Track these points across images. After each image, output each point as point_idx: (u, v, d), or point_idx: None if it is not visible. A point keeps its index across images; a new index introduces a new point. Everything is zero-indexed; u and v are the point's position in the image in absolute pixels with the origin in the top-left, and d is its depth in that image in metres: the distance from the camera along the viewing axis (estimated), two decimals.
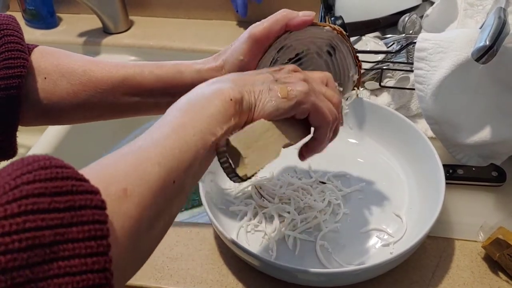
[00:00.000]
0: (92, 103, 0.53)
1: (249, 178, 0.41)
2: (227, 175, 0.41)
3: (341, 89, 0.58)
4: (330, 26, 0.53)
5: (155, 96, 0.53)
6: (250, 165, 0.40)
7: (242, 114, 0.42)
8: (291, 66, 0.48)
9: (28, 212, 0.26)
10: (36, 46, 0.54)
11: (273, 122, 0.45)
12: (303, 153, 0.51)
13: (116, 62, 0.54)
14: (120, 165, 0.33)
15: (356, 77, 0.57)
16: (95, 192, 0.29)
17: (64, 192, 0.28)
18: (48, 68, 0.52)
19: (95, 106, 0.53)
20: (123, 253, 0.31)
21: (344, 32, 0.54)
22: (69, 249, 0.27)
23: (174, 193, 0.36)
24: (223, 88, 0.42)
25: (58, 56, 0.54)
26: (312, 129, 0.49)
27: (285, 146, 0.46)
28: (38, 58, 0.53)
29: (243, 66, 0.51)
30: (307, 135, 0.50)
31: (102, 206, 0.29)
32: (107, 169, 0.33)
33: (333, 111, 0.47)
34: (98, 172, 0.31)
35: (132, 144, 0.36)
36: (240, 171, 0.40)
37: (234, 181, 0.41)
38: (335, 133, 0.51)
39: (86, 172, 0.30)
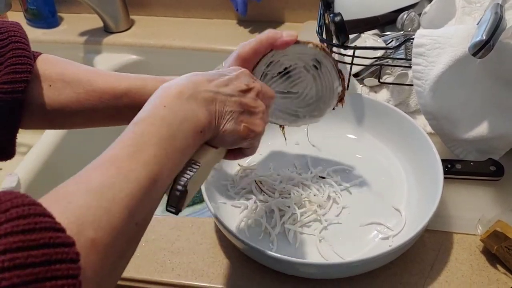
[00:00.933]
0: (94, 112, 0.54)
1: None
2: (168, 210, 0.43)
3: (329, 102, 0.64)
4: (313, 43, 0.58)
5: None
6: (188, 199, 0.43)
7: (205, 139, 0.45)
8: (257, 88, 0.49)
9: (4, 269, 0.26)
10: (40, 54, 0.55)
11: (220, 149, 0.48)
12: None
13: (119, 74, 0.56)
14: (91, 207, 0.32)
15: (340, 89, 0.62)
16: (71, 244, 0.29)
17: (41, 245, 0.28)
18: (53, 76, 0.54)
19: (97, 114, 0.55)
20: None
21: (326, 49, 0.59)
22: None
23: (136, 234, 0.37)
24: (198, 114, 0.43)
25: (63, 65, 0.55)
26: None
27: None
28: (43, 66, 0.54)
29: None
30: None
31: (76, 259, 0.29)
32: (79, 212, 0.32)
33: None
34: (71, 214, 0.31)
35: (103, 172, 0.35)
36: (182, 207, 0.43)
37: (170, 211, 0.43)
38: None
39: (58, 213, 0.30)
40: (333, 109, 0.64)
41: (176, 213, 0.43)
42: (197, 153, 0.45)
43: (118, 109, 0.54)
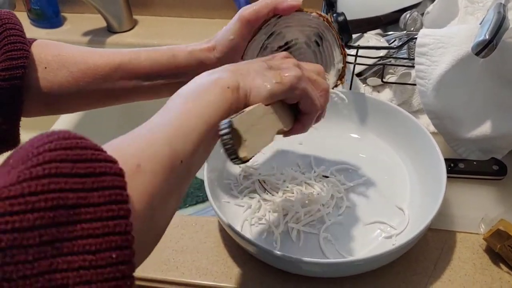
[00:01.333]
0: (90, 90, 0.55)
1: (248, 160, 0.42)
2: (228, 156, 0.42)
3: (329, 79, 0.59)
4: (317, 13, 0.55)
5: (151, 79, 0.55)
6: (249, 148, 0.42)
7: (239, 100, 0.44)
8: (283, 53, 0.50)
9: (52, 175, 0.27)
10: (35, 39, 0.56)
11: (269, 107, 0.46)
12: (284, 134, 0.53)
13: (114, 49, 0.56)
14: (133, 144, 0.34)
15: (341, 65, 0.58)
16: (114, 161, 0.30)
17: (84, 160, 0.29)
18: (48, 58, 0.54)
19: (93, 92, 0.55)
20: (140, 226, 0.32)
21: (330, 20, 0.56)
22: (91, 212, 0.28)
23: (182, 172, 0.37)
24: (221, 77, 0.43)
25: (58, 47, 0.56)
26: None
27: (279, 132, 0.48)
28: (38, 50, 0.54)
29: (233, 46, 0.54)
30: (294, 121, 0.51)
31: (121, 173, 0.30)
32: (120, 147, 0.34)
33: (320, 100, 0.49)
34: (112, 149, 0.32)
35: (140, 128, 0.37)
36: (241, 153, 0.41)
37: (234, 163, 0.42)
38: (317, 121, 0.53)
39: (102, 147, 0.31)
40: (333, 88, 0.59)
41: (236, 156, 0.41)
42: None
43: (113, 83, 0.54)
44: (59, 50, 0.55)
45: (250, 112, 0.43)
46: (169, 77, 0.55)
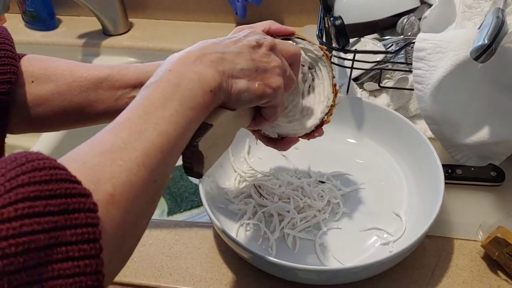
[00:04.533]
0: (75, 104, 0.53)
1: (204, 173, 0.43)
2: (186, 173, 0.43)
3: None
4: (319, 46, 0.56)
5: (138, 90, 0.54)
6: (208, 163, 0.43)
7: (218, 101, 0.44)
8: (269, 42, 0.48)
9: (24, 216, 0.26)
10: (25, 54, 0.55)
11: (237, 110, 0.46)
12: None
13: (104, 65, 0.55)
14: (107, 166, 0.33)
15: (330, 102, 0.58)
16: (87, 195, 0.29)
17: (58, 195, 0.28)
18: (35, 72, 0.53)
19: (78, 107, 0.53)
20: (110, 255, 0.31)
21: (328, 55, 0.57)
22: (63, 252, 0.27)
23: (155, 192, 0.36)
24: (206, 75, 0.42)
25: (45, 61, 0.55)
26: None
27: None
28: (26, 64, 0.53)
29: None
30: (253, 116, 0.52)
31: (94, 209, 0.29)
32: (95, 170, 0.32)
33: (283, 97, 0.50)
34: (86, 174, 0.31)
35: (115, 134, 0.35)
36: (200, 169, 0.42)
37: (191, 176, 0.43)
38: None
39: (73, 171, 0.30)
40: (320, 125, 0.59)
41: (192, 174, 0.42)
42: (211, 115, 0.44)
43: (99, 94, 0.53)
44: (47, 64, 0.54)
45: (217, 126, 0.43)
46: None
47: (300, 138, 0.60)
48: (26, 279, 0.26)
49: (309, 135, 0.59)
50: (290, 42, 0.55)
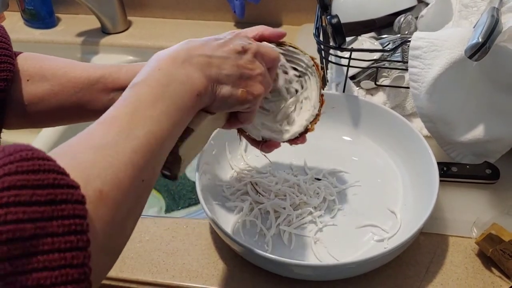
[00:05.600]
0: (70, 103, 0.54)
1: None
2: (162, 176, 0.44)
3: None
4: (310, 56, 0.58)
5: None
6: (184, 166, 0.44)
7: (202, 105, 0.45)
8: (254, 49, 0.49)
9: (9, 204, 0.26)
10: (21, 52, 0.55)
11: (216, 114, 0.48)
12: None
13: (97, 64, 0.56)
14: (96, 162, 0.33)
15: (316, 111, 0.60)
16: (76, 186, 0.29)
17: (46, 185, 0.28)
18: (31, 71, 0.54)
19: (72, 106, 0.54)
20: (97, 254, 0.31)
21: (319, 66, 0.59)
22: (49, 243, 0.27)
23: (143, 191, 0.37)
24: (194, 78, 0.43)
25: (41, 59, 0.55)
26: None
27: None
28: (22, 62, 0.54)
29: None
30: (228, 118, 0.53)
31: (82, 201, 0.29)
32: (84, 166, 0.32)
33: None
34: (75, 168, 0.31)
35: (106, 129, 0.36)
36: (177, 172, 0.43)
37: (166, 178, 0.44)
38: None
39: (63, 164, 0.30)
40: (305, 132, 0.60)
41: (170, 178, 0.43)
42: (192, 119, 0.44)
43: (93, 96, 0.54)
44: (42, 62, 0.54)
45: (199, 129, 0.45)
46: None
47: (282, 143, 0.61)
48: (10, 269, 0.25)
49: (292, 140, 0.61)
50: (273, 45, 0.55)
